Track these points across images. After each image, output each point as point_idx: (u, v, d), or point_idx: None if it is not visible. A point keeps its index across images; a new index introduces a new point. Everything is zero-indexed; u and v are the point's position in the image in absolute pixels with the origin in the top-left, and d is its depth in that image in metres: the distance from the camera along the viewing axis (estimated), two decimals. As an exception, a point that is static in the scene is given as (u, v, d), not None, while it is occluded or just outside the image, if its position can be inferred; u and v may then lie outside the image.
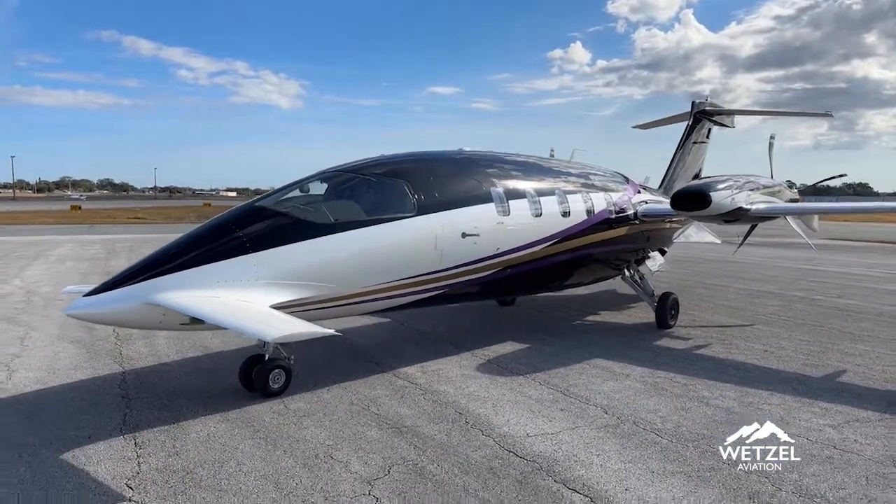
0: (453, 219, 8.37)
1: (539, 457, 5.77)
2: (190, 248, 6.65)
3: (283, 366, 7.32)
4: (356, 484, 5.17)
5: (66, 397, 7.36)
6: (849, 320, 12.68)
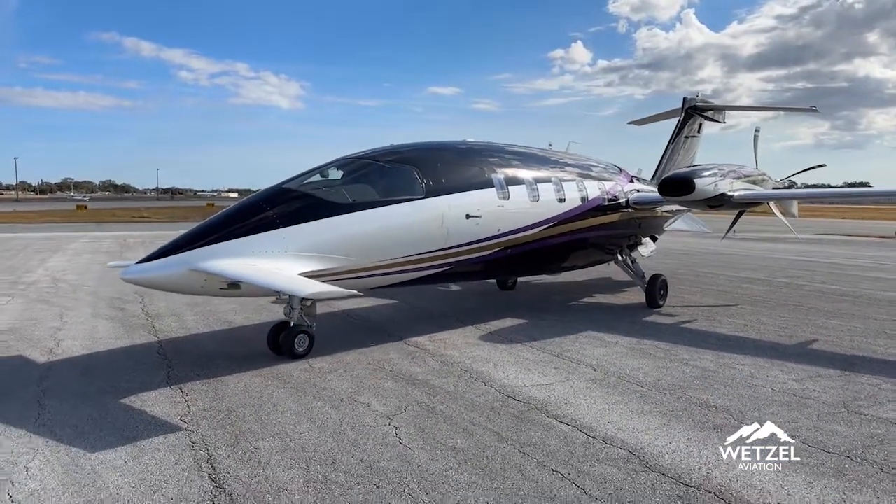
0: (458, 201, 9.24)
1: (534, 400, 6.63)
2: (228, 223, 7.52)
3: (307, 331, 8.19)
4: (378, 418, 6.04)
5: (112, 359, 8.24)
6: (828, 301, 13.52)
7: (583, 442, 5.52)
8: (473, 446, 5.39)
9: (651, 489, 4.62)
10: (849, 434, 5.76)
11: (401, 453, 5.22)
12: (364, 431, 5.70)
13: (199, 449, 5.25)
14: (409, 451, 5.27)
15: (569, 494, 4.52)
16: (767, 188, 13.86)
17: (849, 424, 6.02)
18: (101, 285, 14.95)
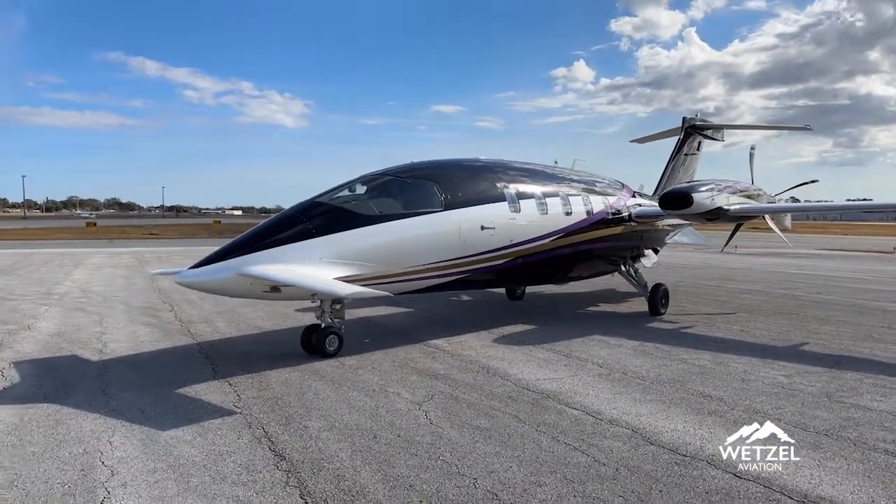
0: (474, 214, 10.02)
1: (547, 390, 7.36)
2: (269, 233, 8.32)
3: (337, 332, 8.96)
4: (409, 405, 6.78)
5: (159, 358, 9.01)
6: (822, 310, 14.22)
7: (591, 423, 6.24)
8: (495, 426, 6.12)
9: (652, 458, 5.34)
10: (828, 418, 6.47)
11: (432, 431, 5.96)
12: (398, 414, 6.44)
13: (256, 427, 6.00)
14: (439, 429, 6.01)
15: (580, 461, 5.24)
16: (763, 203, 14.63)
17: (829, 410, 6.73)
18: (130, 296, 15.74)
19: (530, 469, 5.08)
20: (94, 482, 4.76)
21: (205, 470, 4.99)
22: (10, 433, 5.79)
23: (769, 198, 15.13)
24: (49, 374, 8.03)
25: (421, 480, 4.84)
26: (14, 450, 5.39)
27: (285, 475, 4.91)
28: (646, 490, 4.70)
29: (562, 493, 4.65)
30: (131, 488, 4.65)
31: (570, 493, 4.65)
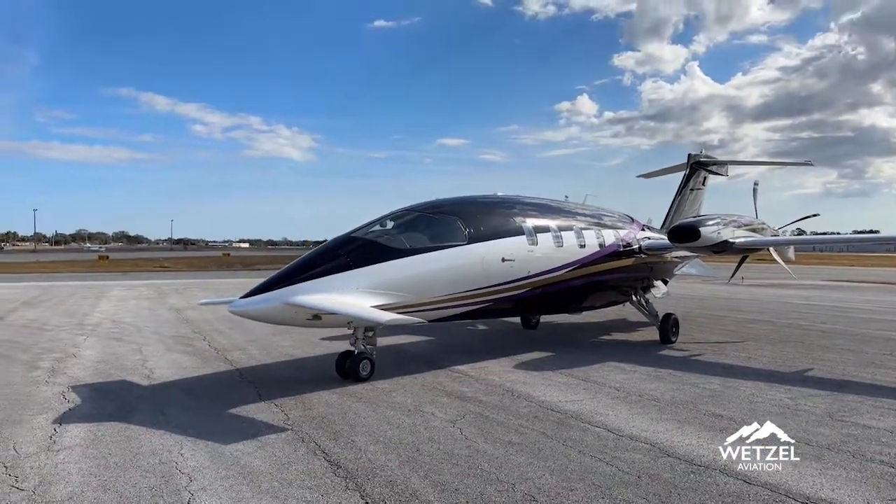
0: (495, 247, 10.72)
1: (570, 411, 7.96)
2: (311, 265, 9.02)
3: (369, 358, 9.61)
4: (443, 422, 7.39)
5: (204, 382, 9.65)
6: (827, 339, 14.76)
7: (613, 439, 6.84)
8: (525, 440, 6.73)
9: (670, 467, 5.93)
10: (830, 434, 7.04)
11: (468, 445, 6.56)
12: (435, 431, 7.05)
13: (309, 442, 6.62)
14: (474, 443, 6.61)
15: (606, 471, 5.84)
16: (767, 236, 15.29)
17: (831, 427, 7.30)
18: (159, 326, 16.42)
19: (561, 477, 5.67)
20: (177, 486, 5.38)
21: (272, 477, 5.61)
22: (90, 447, 6.43)
23: (773, 231, 15.79)
24: (107, 396, 8.68)
25: (465, 485, 5.44)
26: (98, 461, 6.02)
27: (343, 481, 5.53)
28: (666, 493, 5.29)
29: (591, 496, 5.24)
30: (210, 491, 5.27)
31: (598, 496, 5.24)
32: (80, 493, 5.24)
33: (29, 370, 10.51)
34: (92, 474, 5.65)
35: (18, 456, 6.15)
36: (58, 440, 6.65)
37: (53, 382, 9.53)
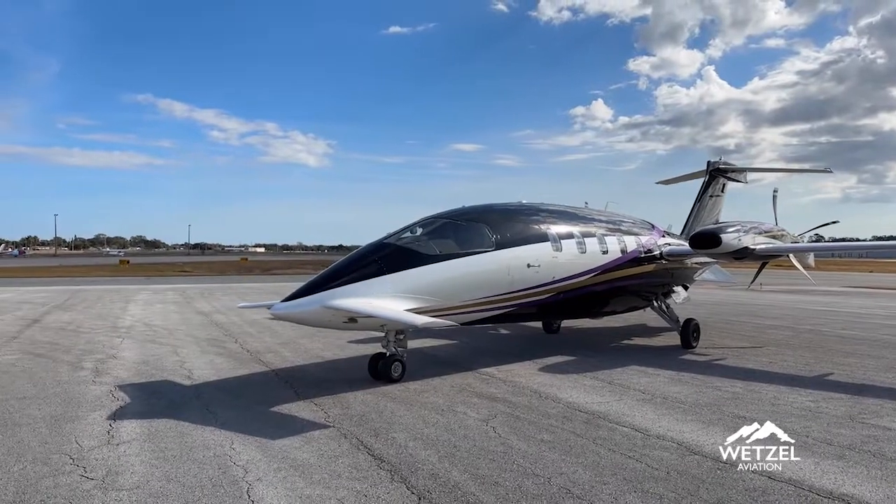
0: (521, 253, 11.05)
1: (597, 412, 8.26)
2: (347, 270, 9.39)
3: (401, 360, 9.97)
4: (476, 421, 7.72)
5: (242, 383, 10.06)
6: (846, 344, 14.91)
7: (641, 438, 7.13)
8: (556, 439, 7.04)
9: (697, 464, 6.22)
10: (851, 435, 7.29)
11: (502, 442, 6.89)
12: (469, 429, 7.39)
13: (351, 438, 6.98)
14: (508, 441, 6.94)
15: (636, 466, 6.14)
16: (786, 242, 15.48)
17: (852, 429, 7.54)
18: (191, 329, 16.90)
19: (594, 472, 5.99)
20: (234, 477, 5.77)
21: (321, 469, 5.98)
22: (147, 441, 6.84)
23: (792, 237, 15.97)
24: (153, 395, 9.11)
25: (503, 478, 5.78)
26: (157, 454, 6.43)
27: (388, 473, 5.88)
28: (695, 487, 5.59)
29: (623, 489, 5.56)
30: (266, 482, 5.65)
31: (630, 489, 5.55)
32: (145, 482, 5.63)
33: (74, 370, 10.98)
34: (154, 466, 6.06)
35: (82, 449, 6.56)
36: (115, 435, 7.06)
37: (100, 382, 9.98)
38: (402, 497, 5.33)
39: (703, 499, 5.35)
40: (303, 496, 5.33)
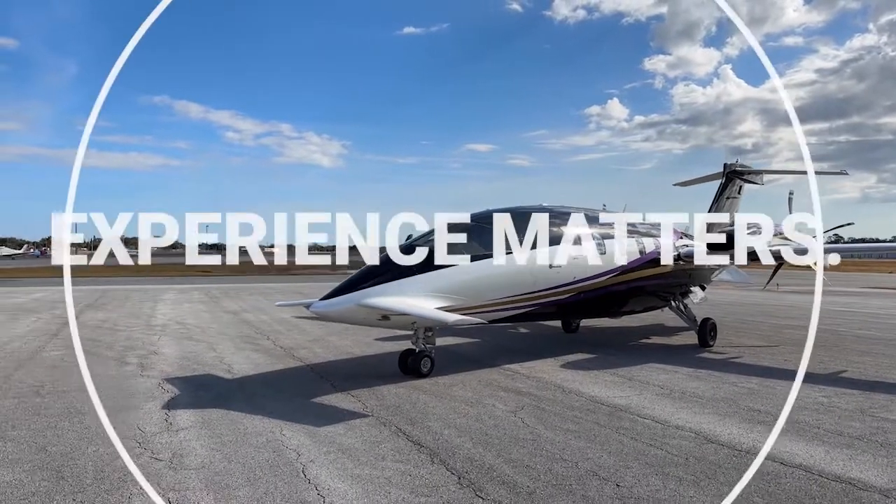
0: (544, 254, 11.52)
1: (619, 405, 8.74)
2: (379, 270, 9.95)
3: (429, 356, 10.50)
4: (505, 413, 8.23)
5: (281, 377, 10.64)
6: (861, 344, 15.22)
7: (661, 428, 7.60)
8: (581, 429, 7.53)
9: (714, 451, 6.69)
10: (860, 427, 7.71)
11: (531, 431, 7.40)
12: (498, 419, 7.90)
13: (390, 426, 7.52)
14: (536, 430, 7.45)
15: (657, 453, 6.62)
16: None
17: (862, 422, 7.96)
18: (223, 327, 17.57)
19: (618, 457, 6.48)
20: (288, 459, 6.33)
21: (366, 452, 6.53)
22: (203, 428, 7.42)
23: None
24: (200, 388, 9.72)
25: (534, 462, 6.29)
26: (214, 439, 7.00)
27: (429, 457, 6.41)
28: (712, 471, 6.07)
29: (646, 472, 6.04)
30: (318, 463, 6.20)
31: (652, 472, 6.04)
32: (209, 463, 6.21)
33: (120, 365, 11.63)
34: (214, 449, 6.63)
35: (145, 434, 7.16)
36: (173, 422, 7.66)
37: (147, 376, 10.62)
38: (443, 477, 5.86)
39: (720, 481, 5.82)
40: (353, 475, 5.87)
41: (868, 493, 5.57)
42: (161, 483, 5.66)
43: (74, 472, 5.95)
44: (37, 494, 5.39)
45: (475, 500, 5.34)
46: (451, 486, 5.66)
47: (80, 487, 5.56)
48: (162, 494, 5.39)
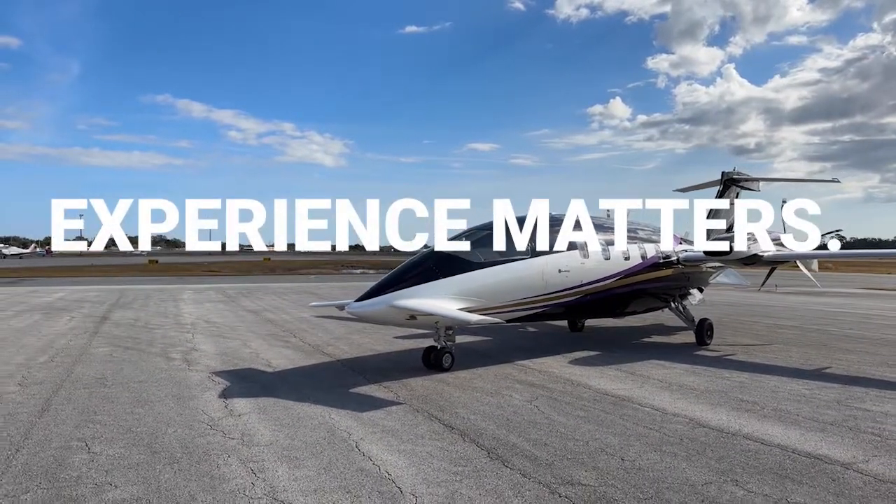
0: (553, 260, 12.64)
1: (622, 396, 9.84)
2: (406, 275, 11.04)
3: (450, 352, 11.61)
4: (522, 402, 9.34)
5: (316, 370, 11.76)
6: (849, 343, 16.28)
7: (660, 415, 8.70)
8: (590, 415, 8.63)
9: (705, 434, 7.78)
10: (835, 415, 8.79)
11: (546, 417, 8.50)
12: (517, 407, 9.01)
13: (422, 412, 8.63)
14: (550, 416, 8.54)
15: (655, 435, 7.71)
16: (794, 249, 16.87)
17: (837, 410, 9.04)
18: (250, 326, 18.69)
19: (622, 438, 7.57)
20: (342, 437, 7.43)
21: (406, 433, 7.63)
22: (261, 413, 8.53)
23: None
24: (246, 380, 10.83)
25: (550, 441, 7.38)
26: (273, 422, 8.11)
27: (460, 436, 7.52)
28: (702, 449, 7.16)
29: (646, 450, 7.14)
30: (367, 441, 7.30)
31: (651, 450, 7.13)
32: (275, 440, 7.32)
33: (167, 360, 12.75)
34: (276, 430, 7.74)
35: (212, 419, 8.27)
36: (233, 409, 8.77)
37: (195, 370, 11.73)
38: (475, 452, 6.96)
39: (709, 456, 6.92)
40: (399, 450, 6.98)
41: (832, 465, 6.66)
42: (239, 456, 6.76)
43: (164, 447, 7.06)
44: (140, 465, 6.50)
45: (504, 469, 6.44)
46: (482, 458, 6.76)
47: (173, 459, 6.66)
48: (243, 465, 6.50)
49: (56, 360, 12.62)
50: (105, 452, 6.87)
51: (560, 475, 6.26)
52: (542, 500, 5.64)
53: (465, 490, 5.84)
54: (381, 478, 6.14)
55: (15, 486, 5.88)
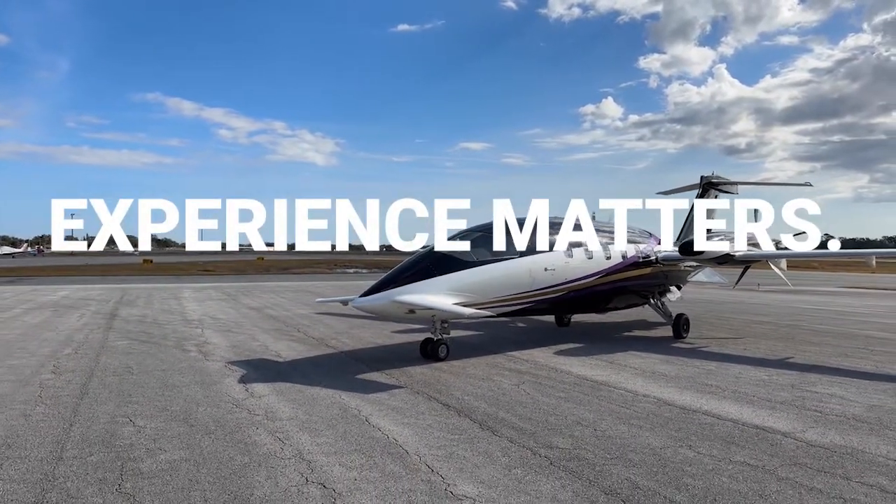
0: (540, 259, 13.77)
1: (600, 381, 10.98)
2: (406, 272, 12.13)
3: (446, 343, 12.73)
4: (510, 385, 10.46)
5: (323, 360, 12.84)
6: (816, 336, 17.50)
7: (631, 396, 9.84)
8: (570, 396, 9.77)
9: (669, 410, 8.93)
10: (786, 396, 9.96)
11: (531, 398, 9.62)
12: (505, 390, 10.13)
13: (422, 394, 9.73)
14: (535, 397, 9.67)
15: (626, 411, 8.85)
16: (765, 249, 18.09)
17: (789, 392, 10.21)
18: (254, 322, 19.72)
19: (596, 414, 8.71)
20: (353, 413, 8.53)
21: (409, 410, 8.74)
22: (279, 395, 9.61)
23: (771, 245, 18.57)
24: (260, 368, 11.90)
25: (535, 416, 8.51)
26: (291, 403, 9.19)
27: (455, 412, 8.63)
28: (665, 422, 8.30)
29: (616, 423, 8.27)
30: (376, 417, 8.40)
31: (620, 423, 8.26)
32: (295, 416, 8.40)
33: (183, 352, 13.78)
34: (294, 408, 8.82)
35: (236, 400, 9.34)
36: (253, 392, 9.84)
37: (212, 360, 12.78)
38: (469, 424, 8.08)
39: (670, 428, 8.06)
40: (404, 423, 8.09)
41: (773, 434, 7.81)
42: (266, 428, 7.84)
43: (199, 422, 8.13)
44: (181, 435, 7.57)
45: (493, 437, 7.55)
46: (475, 429, 7.88)
47: (208, 431, 7.73)
48: (270, 434, 7.58)
49: (80, 352, 13.63)
50: (149, 426, 7.93)
51: (541, 441, 7.39)
52: (525, 459, 6.76)
53: (461, 452, 6.95)
54: (390, 443, 7.24)
55: (80, 450, 6.94)
